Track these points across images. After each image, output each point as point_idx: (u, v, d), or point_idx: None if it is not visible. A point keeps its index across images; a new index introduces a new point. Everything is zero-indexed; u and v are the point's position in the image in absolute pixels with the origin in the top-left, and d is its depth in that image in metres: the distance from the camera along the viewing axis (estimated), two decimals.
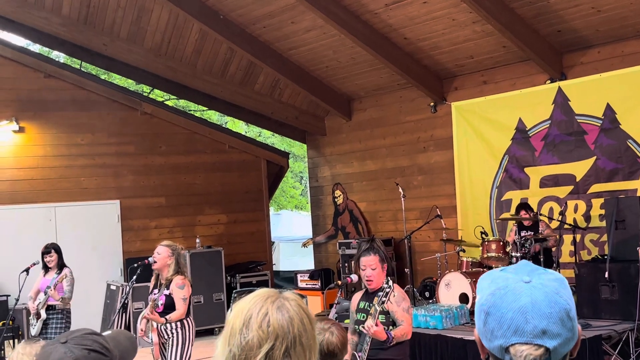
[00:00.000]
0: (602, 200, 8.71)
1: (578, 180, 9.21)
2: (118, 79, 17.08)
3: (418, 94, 11.15)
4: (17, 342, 9.32)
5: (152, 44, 11.34)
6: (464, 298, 8.47)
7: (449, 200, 10.73)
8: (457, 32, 9.55)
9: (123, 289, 10.29)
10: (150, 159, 12.12)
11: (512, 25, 8.91)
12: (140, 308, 9.89)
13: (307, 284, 11.87)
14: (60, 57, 16.49)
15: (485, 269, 8.82)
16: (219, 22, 10.60)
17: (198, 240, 11.75)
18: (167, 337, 6.20)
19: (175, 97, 16.39)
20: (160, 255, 6.29)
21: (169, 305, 6.19)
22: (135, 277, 6.53)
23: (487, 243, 8.75)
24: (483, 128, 10.25)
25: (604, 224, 8.46)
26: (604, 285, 7.73)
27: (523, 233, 8.66)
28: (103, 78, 15.12)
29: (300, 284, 11.93)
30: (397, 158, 11.72)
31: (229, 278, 12.04)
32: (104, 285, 11.07)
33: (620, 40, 8.89)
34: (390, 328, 4.75)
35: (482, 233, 8.98)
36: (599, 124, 8.96)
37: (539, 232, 8.61)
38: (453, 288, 8.60)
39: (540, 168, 9.63)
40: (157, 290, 6.31)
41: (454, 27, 9.45)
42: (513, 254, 8.46)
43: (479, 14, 8.77)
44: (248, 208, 13.00)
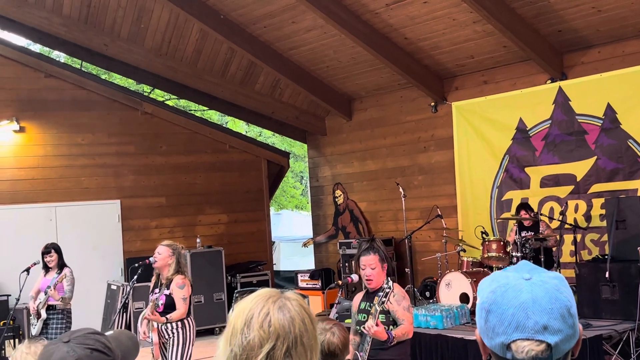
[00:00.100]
0: (602, 200, 8.71)
1: (579, 180, 9.21)
2: (118, 79, 17.09)
3: (418, 94, 11.15)
4: (17, 341, 9.32)
5: (152, 44, 11.34)
6: (465, 298, 8.47)
7: (450, 200, 10.73)
8: (457, 32, 9.55)
9: (124, 289, 10.30)
10: (151, 159, 12.12)
11: (512, 25, 8.91)
12: (141, 308, 9.88)
13: (307, 284, 11.86)
14: (61, 57, 16.49)
15: (486, 269, 8.83)
16: (220, 22, 10.60)
17: (198, 240, 11.75)
18: (167, 337, 6.20)
19: (176, 97, 16.40)
20: (161, 255, 6.29)
21: (169, 305, 6.19)
22: (136, 277, 6.54)
23: (487, 243, 8.75)
24: (483, 128, 10.25)
25: (605, 224, 8.46)
26: (605, 285, 7.72)
27: (523, 233, 8.65)
28: (103, 78, 15.12)
29: (301, 284, 11.92)
30: (397, 158, 11.72)
31: (230, 278, 12.04)
32: (105, 285, 11.07)
33: (621, 40, 8.89)
34: (391, 328, 4.76)
35: (482, 233, 8.98)
36: (600, 124, 8.96)
37: (540, 232, 8.61)
38: (453, 288, 8.60)
39: (541, 168, 9.63)
40: (157, 290, 6.31)
41: (455, 27, 9.45)
42: (514, 254, 8.45)
43: (480, 14, 8.77)
44: (248, 208, 13.00)
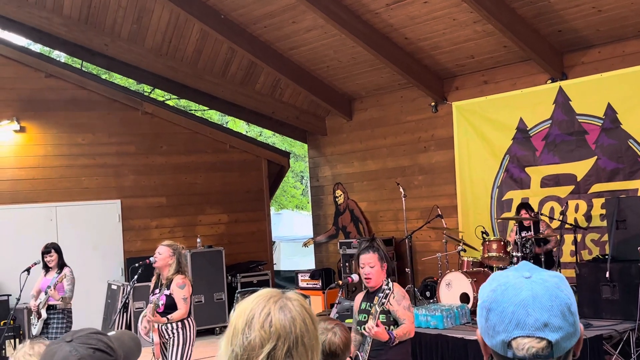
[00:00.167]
0: (603, 200, 8.71)
1: (579, 180, 9.21)
2: (119, 79, 17.09)
3: (419, 94, 11.15)
4: (18, 341, 9.32)
5: (153, 44, 11.34)
6: (465, 298, 8.48)
7: (450, 200, 10.73)
8: (457, 32, 9.55)
9: (124, 289, 10.30)
10: (151, 159, 12.12)
11: (512, 25, 8.91)
12: (141, 308, 9.88)
13: (307, 284, 11.86)
14: (61, 56, 16.50)
15: (486, 269, 8.84)
16: (220, 22, 10.61)
17: (199, 240, 11.75)
18: (168, 337, 6.20)
19: (176, 96, 16.40)
20: (162, 255, 6.29)
21: (170, 306, 6.19)
22: (137, 276, 6.54)
23: (488, 243, 8.75)
24: (484, 128, 10.25)
25: (605, 224, 8.46)
26: (605, 285, 7.73)
27: (524, 233, 8.65)
28: (104, 78, 15.12)
29: (301, 284, 11.92)
30: (397, 158, 11.72)
31: (230, 278, 12.04)
32: (105, 285, 11.07)
33: (621, 40, 8.89)
34: (392, 328, 4.75)
35: (483, 233, 8.98)
36: (600, 124, 8.96)
37: (540, 232, 8.61)
38: (454, 288, 8.60)
39: (541, 168, 9.63)
40: (157, 290, 6.31)
41: (455, 27, 9.45)
42: (514, 254, 8.45)
43: (480, 14, 8.77)
44: (249, 208, 13.00)
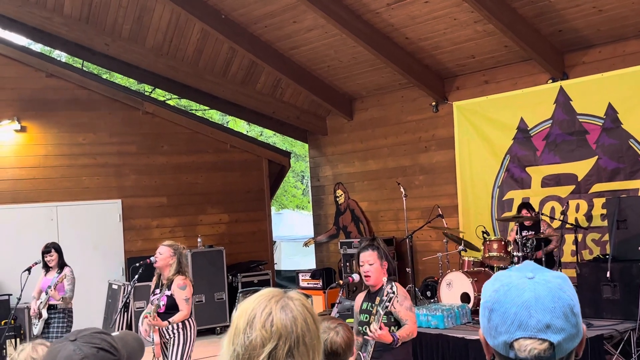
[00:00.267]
0: (603, 200, 8.71)
1: (579, 180, 9.21)
2: (120, 79, 17.09)
3: (419, 94, 11.15)
4: (19, 341, 9.32)
5: (153, 44, 11.34)
6: (466, 297, 8.48)
7: (451, 200, 10.73)
8: (458, 31, 9.55)
9: (125, 289, 10.30)
10: (152, 159, 12.12)
11: (513, 25, 8.90)
12: (142, 307, 9.89)
13: (308, 284, 11.86)
14: (62, 56, 16.50)
15: (487, 269, 8.84)
16: (221, 21, 10.61)
17: (199, 240, 11.75)
18: (168, 337, 6.20)
19: (177, 96, 16.40)
20: (162, 255, 6.29)
21: (171, 306, 6.19)
22: (137, 276, 6.53)
23: (488, 242, 8.75)
24: (485, 128, 10.25)
25: (606, 224, 8.46)
26: (606, 285, 7.73)
27: (524, 233, 8.65)
28: (105, 77, 15.13)
29: (302, 284, 11.92)
30: (398, 158, 11.72)
31: (231, 277, 12.04)
32: (106, 285, 11.07)
33: (622, 40, 8.89)
34: (393, 329, 4.74)
35: (483, 232, 8.98)
36: (601, 124, 8.96)
37: (541, 231, 8.61)
38: (454, 287, 8.61)
39: (542, 167, 9.63)
40: (158, 291, 6.31)
41: (456, 26, 9.45)
42: (514, 254, 8.45)
43: (481, 14, 8.77)
44: (249, 207, 13.00)
